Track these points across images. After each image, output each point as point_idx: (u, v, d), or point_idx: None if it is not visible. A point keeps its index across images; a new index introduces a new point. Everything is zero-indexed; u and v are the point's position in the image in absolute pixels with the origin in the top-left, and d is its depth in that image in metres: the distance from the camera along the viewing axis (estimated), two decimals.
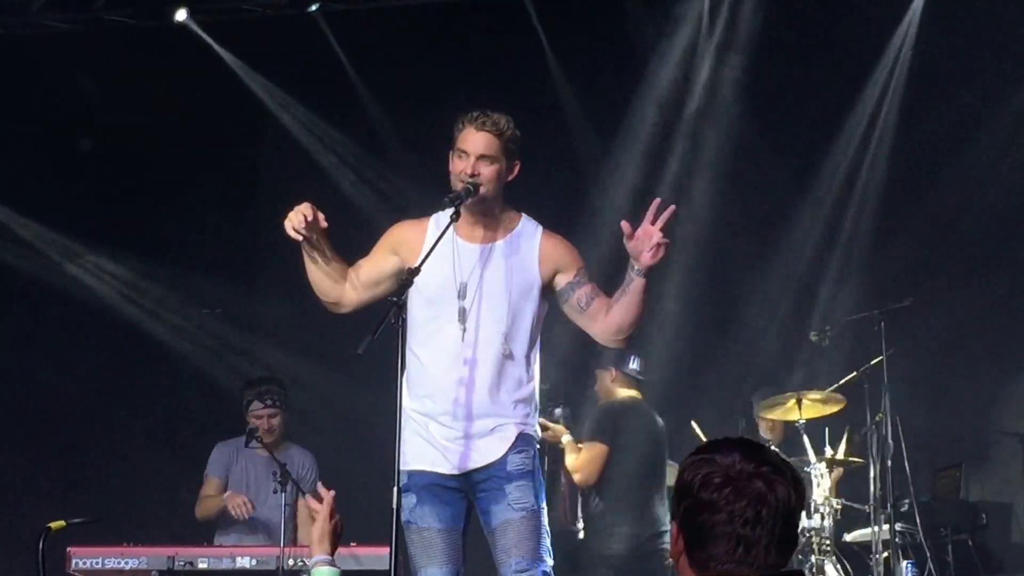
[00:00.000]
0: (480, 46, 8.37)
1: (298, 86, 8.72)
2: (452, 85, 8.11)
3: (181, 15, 8.37)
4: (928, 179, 8.18)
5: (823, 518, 7.03)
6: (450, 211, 4.33)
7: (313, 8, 8.45)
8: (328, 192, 8.65)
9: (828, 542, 6.98)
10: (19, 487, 7.99)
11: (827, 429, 7.32)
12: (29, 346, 8.33)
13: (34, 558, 4.64)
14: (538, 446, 4.49)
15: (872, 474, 7.03)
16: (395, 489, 4.02)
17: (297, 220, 4.31)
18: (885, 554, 7.00)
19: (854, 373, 7.34)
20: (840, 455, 7.26)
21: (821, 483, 7.11)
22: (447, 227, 4.33)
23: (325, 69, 8.60)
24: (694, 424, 7.50)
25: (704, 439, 7.21)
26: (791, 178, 8.47)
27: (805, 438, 7.24)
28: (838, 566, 6.99)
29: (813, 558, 6.92)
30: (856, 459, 7.28)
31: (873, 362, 7.22)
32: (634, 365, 7.09)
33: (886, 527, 6.99)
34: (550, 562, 4.35)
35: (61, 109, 8.49)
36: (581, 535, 7.20)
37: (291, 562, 5.87)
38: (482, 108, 4.42)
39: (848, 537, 7.36)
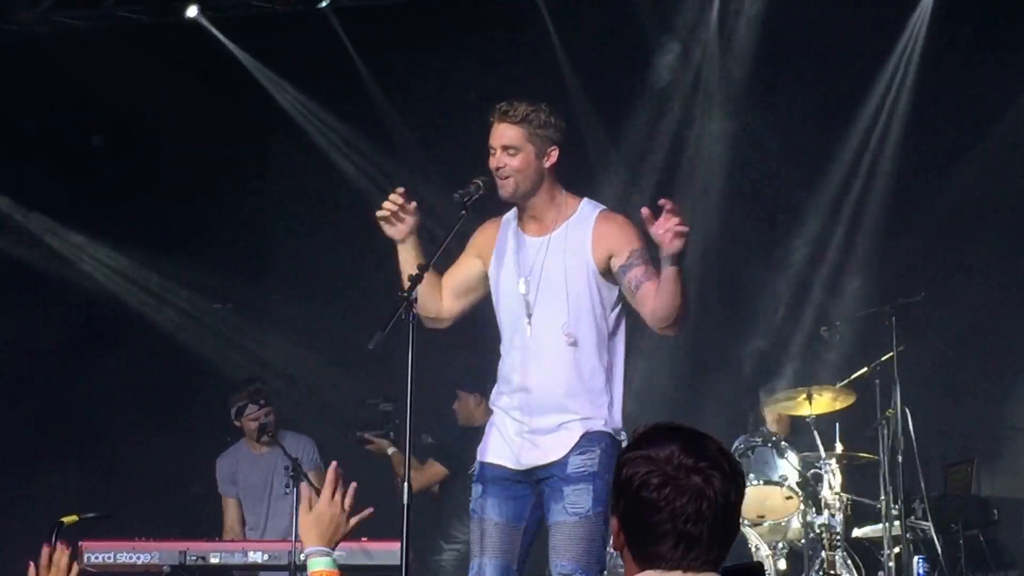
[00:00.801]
0: (490, 40, 8.36)
1: (308, 81, 8.73)
2: (462, 79, 8.11)
3: (192, 11, 8.38)
4: (940, 173, 8.15)
5: (833, 514, 7.01)
6: (514, 210, 4.40)
7: (323, 4, 8.45)
8: (338, 186, 8.66)
9: (839, 538, 6.96)
10: (31, 482, 8.00)
11: (837, 424, 7.30)
12: (39, 341, 8.33)
13: None
14: (616, 438, 4.26)
15: (883, 469, 7.01)
16: (404, 485, 4.02)
17: (388, 204, 4.32)
18: (896, 550, 6.98)
19: (865, 368, 7.32)
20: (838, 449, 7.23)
21: (831, 479, 7.10)
22: (455, 226, 4.33)
23: (335, 64, 8.60)
24: None
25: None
26: (801, 172, 8.44)
27: (815, 433, 7.22)
28: (848, 562, 6.97)
29: (824, 554, 6.89)
30: (867, 455, 7.26)
31: (884, 357, 7.18)
32: None
33: (897, 523, 6.97)
34: (598, 569, 4.24)
35: (72, 105, 8.50)
36: None
37: (303, 556, 5.86)
38: (510, 99, 4.36)
39: (859, 533, 7.34)
